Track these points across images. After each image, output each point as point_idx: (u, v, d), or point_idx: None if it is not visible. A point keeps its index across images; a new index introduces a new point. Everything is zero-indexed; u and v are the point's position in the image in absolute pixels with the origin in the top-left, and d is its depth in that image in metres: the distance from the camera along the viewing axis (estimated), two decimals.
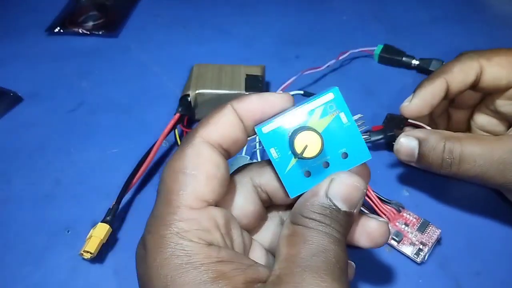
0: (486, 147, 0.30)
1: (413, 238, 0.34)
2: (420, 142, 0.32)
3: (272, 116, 0.24)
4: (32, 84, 0.49)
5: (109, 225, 0.33)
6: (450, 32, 0.55)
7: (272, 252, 0.26)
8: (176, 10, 0.60)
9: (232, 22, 0.58)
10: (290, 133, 0.23)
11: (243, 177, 0.25)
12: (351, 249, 0.24)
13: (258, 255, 0.26)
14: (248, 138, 0.25)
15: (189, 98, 0.42)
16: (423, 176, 0.38)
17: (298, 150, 0.22)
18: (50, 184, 0.39)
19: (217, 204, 0.23)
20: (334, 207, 0.22)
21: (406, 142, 0.32)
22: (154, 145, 0.38)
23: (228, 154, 0.24)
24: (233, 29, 0.57)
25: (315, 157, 0.23)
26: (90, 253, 0.32)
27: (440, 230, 0.34)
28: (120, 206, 0.35)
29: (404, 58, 0.49)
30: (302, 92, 0.39)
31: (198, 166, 0.22)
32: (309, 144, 0.22)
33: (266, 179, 0.25)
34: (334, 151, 0.24)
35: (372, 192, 0.35)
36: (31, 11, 0.60)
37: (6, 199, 0.38)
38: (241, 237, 0.24)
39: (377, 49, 0.50)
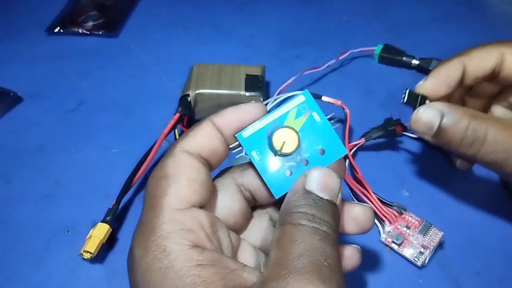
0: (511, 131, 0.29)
1: (415, 241, 0.33)
2: (443, 115, 0.29)
3: (249, 124, 0.25)
4: (32, 84, 0.49)
5: (109, 225, 0.33)
6: (450, 32, 0.55)
7: (263, 251, 0.27)
8: (176, 10, 0.60)
9: (232, 22, 0.58)
10: (268, 135, 0.25)
11: (226, 179, 0.26)
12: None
13: (247, 254, 0.26)
14: (234, 150, 0.26)
15: (189, 98, 0.42)
16: (423, 176, 0.38)
17: (277, 146, 0.24)
18: (50, 184, 0.39)
19: (201, 207, 0.23)
20: (316, 197, 0.22)
21: (428, 112, 0.30)
22: (154, 145, 0.38)
23: (208, 163, 0.25)
24: (233, 29, 0.57)
25: (293, 152, 0.24)
26: (90, 253, 0.32)
27: (442, 233, 0.34)
28: (120, 206, 0.35)
29: (404, 58, 0.49)
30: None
31: (178, 171, 0.23)
32: (286, 141, 0.24)
33: (248, 179, 0.26)
34: (311, 148, 0.25)
35: (373, 194, 0.35)
36: (31, 11, 0.60)
37: (6, 199, 0.38)
38: (228, 237, 0.24)
39: (377, 49, 0.50)
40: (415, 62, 0.49)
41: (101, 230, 0.33)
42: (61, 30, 0.56)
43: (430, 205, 0.37)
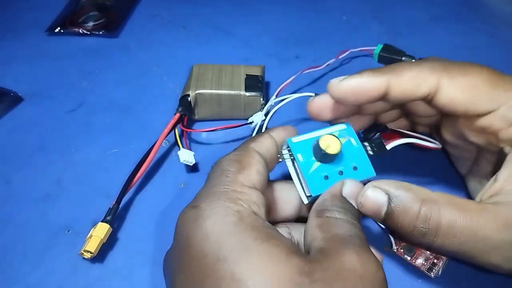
0: (470, 219, 0.25)
1: (427, 252, 0.32)
2: (390, 199, 0.26)
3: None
4: (32, 84, 0.49)
5: (109, 224, 0.33)
6: (450, 32, 0.55)
7: None
8: (176, 10, 0.60)
9: (232, 22, 0.58)
10: (314, 143, 0.30)
11: None
12: None
13: None
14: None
15: (189, 98, 0.42)
16: (422, 177, 0.38)
17: (323, 146, 0.29)
18: (51, 184, 0.39)
19: None
20: (348, 203, 0.28)
21: (373, 195, 0.27)
22: (154, 145, 0.38)
23: (267, 165, 0.29)
24: (233, 29, 0.57)
25: (336, 154, 0.29)
26: (91, 252, 0.32)
27: None
28: (121, 206, 0.35)
29: (403, 58, 0.49)
30: (313, 94, 0.38)
31: (251, 163, 0.28)
32: (331, 145, 0.29)
33: (271, 194, 0.31)
34: (347, 163, 0.30)
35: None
36: (31, 11, 0.60)
37: (6, 199, 0.38)
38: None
39: (377, 48, 0.50)
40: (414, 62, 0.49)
41: (102, 230, 0.33)
42: (62, 30, 0.56)
43: None
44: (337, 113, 0.32)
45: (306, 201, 0.30)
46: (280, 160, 0.31)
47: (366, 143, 0.32)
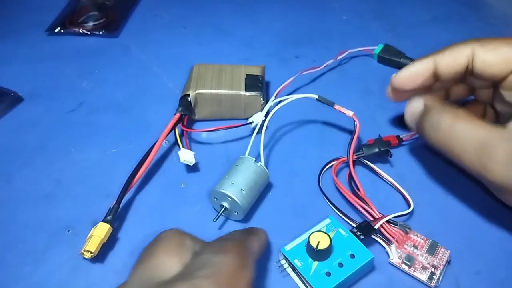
0: (473, 130, 0.29)
1: (424, 261, 0.32)
2: (424, 109, 0.33)
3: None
4: (32, 84, 0.49)
5: (110, 224, 0.33)
6: (450, 32, 0.55)
7: None
8: (176, 10, 0.60)
9: (232, 22, 0.58)
10: (305, 244, 0.31)
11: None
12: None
13: None
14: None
15: (189, 98, 0.42)
16: (421, 180, 0.39)
17: (313, 245, 0.30)
18: (51, 183, 0.39)
19: None
20: None
21: (416, 105, 0.34)
22: (154, 145, 0.38)
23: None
24: (233, 29, 0.57)
25: (328, 248, 0.30)
26: (91, 252, 0.32)
27: (449, 251, 0.33)
28: (121, 205, 0.35)
29: (402, 60, 0.49)
30: (316, 96, 0.38)
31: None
32: (320, 240, 0.30)
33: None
34: (343, 254, 0.31)
35: (378, 213, 0.34)
36: (31, 11, 0.60)
37: (7, 199, 0.38)
38: None
39: (377, 48, 0.50)
40: None
41: (102, 230, 0.33)
42: (62, 30, 0.56)
43: (429, 205, 0.37)
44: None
45: None
46: (281, 271, 0.32)
47: (354, 229, 0.33)
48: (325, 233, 0.31)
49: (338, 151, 0.40)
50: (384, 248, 0.33)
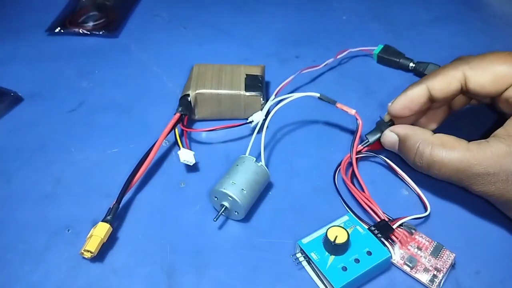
0: (454, 156, 0.32)
1: (427, 263, 0.32)
2: (399, 139, 0.36)
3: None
4: (32, 84, 0.49)
5: (110, 224, 0.33)
6: (450, 32, 0.55)
7: None
8: (176, 10, 0.60)
9: (232, 22, 0.58)
10: (323, 238, 0.31)
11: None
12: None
13: None
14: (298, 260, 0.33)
15: (189, 98, 0.42)
16: (422, 175, 0.38)
17: (331, 238, 0.30)
18: (51, 183, 0.39)
19: None
20: None
21: (389, 136, 0.37)
22: (154, 144, 0.38)
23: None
24: (233, 29, 0.57)
25: (346, 243, 0.30)
26: (91, 252, 0.32)
27: (454, 255, 0.32)
28: (121, 205, 0.35)
29: (401, 60, 0.49)
30: (318, 95, 0.38)
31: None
32: (338, 235, 0.30)
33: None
34: (360, 250, 0.31)
35: (381, 212, 0.34)
36: (31, 11, 0.60)
37: (7, 199, 0.38)
38: None
39: (377, 49, 0.50)
40: (412, 65, 0.49)
41: (102, 229, 0.33)
42: (62, 30, 0.56)
43: (429, 204, 0.37)
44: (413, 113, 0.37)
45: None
46: (297, 264, 0.32)
47: (372, 228, 0.33)
48: (344, 228, 0.31)
49: (338, 150, 0.40)
50: (387, 247, 0.33)
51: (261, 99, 0.42)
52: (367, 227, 0.33)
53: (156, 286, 0.32)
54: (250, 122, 0.41)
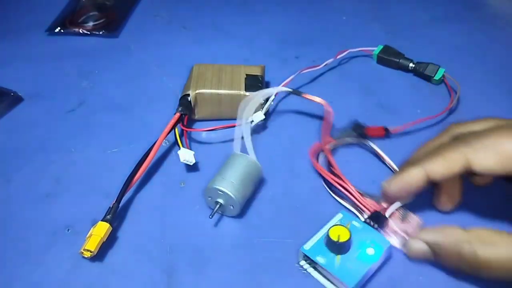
0: (497, 250, 0.28)
1: (397, 229, 0.34)
2: (432, 247, 0.31)
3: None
4: (32, 84, 0.49)
5: (109, 223, 0.33)
6: (450, 32, 0.55)
7: None
8: (176, 10, 0.60)
9: (232, 22, 0.58)
10: (325, 240, 0.32)
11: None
12: None
13: None
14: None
15: (189, 98, 0.42)
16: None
17: (335, 238, 0.31)
18: (51, 183, 0.39)
19: None
20: None
21: (417, 247, 0.32)
22: (154, 144, 0.38)
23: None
24: (233, 29, 0.57)
25: (349, 240, 0.31)
26: (90, 251, 0.32)
27: (419, 218, 0.34)
28: (121, 205, 0.35)
29: (401, 60, 0.49)
30: (291, 90, 0.40)
31: None
32: (340, 234, 0.31)
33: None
34: (363, 244, 0.32)
35: (351, 186, 0.36)
36: (31, 11, 0.60)
37: (7, 198, 0.38)
38: None
39: (377, 49, 0.50)
40: (411, 65, 0.49)
41: (101, 229, 0.33)
42: (62, 30, 0.56)
43: (429, 203, 0.37)
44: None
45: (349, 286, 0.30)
46: (303, 272, 0.32)
47: (367, 220, 0.34)
48: (343, 226, 0.32)
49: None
50: (356, 215, 0.35)
51: (261, 99, 0.42)
52: (362, 220, 0.34)
53: (155, 285, 0.32)
54: (250, 122, 0.41)
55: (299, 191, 0.38)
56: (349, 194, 0.36)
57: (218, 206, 0.35)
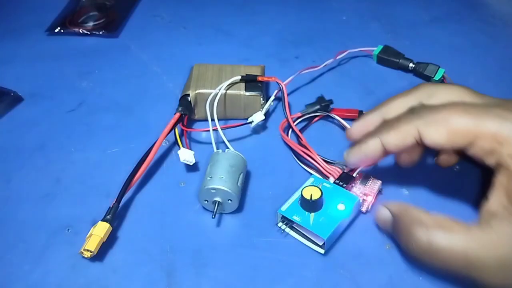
0: (453, 240, 0.28)
1: (357, 191, 0.36)
2: (393, 219, 0.32)
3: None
4: (32, 84, 0.49)
5: (109, 223, 0.33)
6: (450, 32, 0.55)
7: None
8: (176, 10, 0.60)
9: (232, 22, 0.58)
10: (299, 200, 0.34)
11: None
12: None
13: None
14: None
15: (189, 98, 0.42)
16: (422, 175, 0.39)
17: (307, 197, 0.33)
18: (51, 183, 0.39)
19: None
20: None
21: (383, 213, 0.33)
22: (154, 144, 0.38)
23: None
24: (233, 29, 0.57)
25: (321, 198, 0.33)
26: (90, 251, 0.32)
27: (380, 181, 0.37)
28: (120, 205, 0.35)
29: (401, 61, 0.49)
30: (240, 77, 0.42)
31: None
32: (313, 193, 0.33)
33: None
34: (334, 201, 0.34)
35: (316, 156, 0.38)
36: (31, 11, 0.60)
37: (7, 198, 0.38)
38: None
39: (377, 49, 0.50)
40: (411, 65, 0.49)
41: (101, 229, 0.33)
42: (62, 30, 0.56)
43: (428, 202, 0.36)
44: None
45: (323, 250, 0.33)
46: (282, 232, 0.35)
47: (337, 181, 0.36)
48: (315, 186, 0.34)
49: (338, 150, 0.40)
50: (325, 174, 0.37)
51: (261, 99, 0.42)
52: (332, 181, 0.36)
53: (155, 285, 0.32)
54: (250, 122, 0.41)
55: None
56: (314, 162, 0.38)
57: (217, 205, 0.35)
